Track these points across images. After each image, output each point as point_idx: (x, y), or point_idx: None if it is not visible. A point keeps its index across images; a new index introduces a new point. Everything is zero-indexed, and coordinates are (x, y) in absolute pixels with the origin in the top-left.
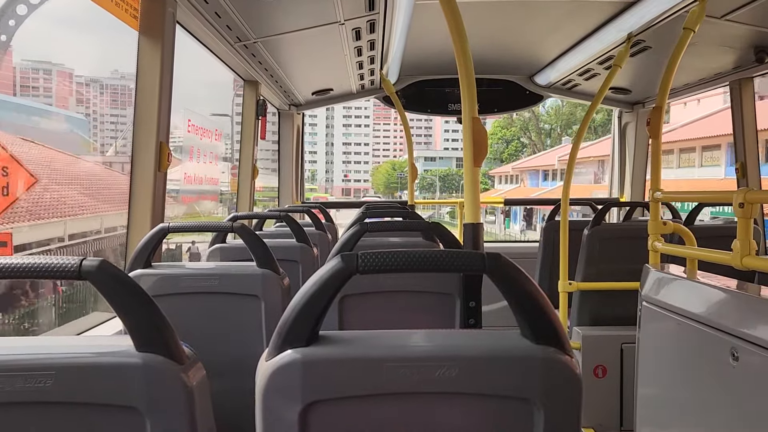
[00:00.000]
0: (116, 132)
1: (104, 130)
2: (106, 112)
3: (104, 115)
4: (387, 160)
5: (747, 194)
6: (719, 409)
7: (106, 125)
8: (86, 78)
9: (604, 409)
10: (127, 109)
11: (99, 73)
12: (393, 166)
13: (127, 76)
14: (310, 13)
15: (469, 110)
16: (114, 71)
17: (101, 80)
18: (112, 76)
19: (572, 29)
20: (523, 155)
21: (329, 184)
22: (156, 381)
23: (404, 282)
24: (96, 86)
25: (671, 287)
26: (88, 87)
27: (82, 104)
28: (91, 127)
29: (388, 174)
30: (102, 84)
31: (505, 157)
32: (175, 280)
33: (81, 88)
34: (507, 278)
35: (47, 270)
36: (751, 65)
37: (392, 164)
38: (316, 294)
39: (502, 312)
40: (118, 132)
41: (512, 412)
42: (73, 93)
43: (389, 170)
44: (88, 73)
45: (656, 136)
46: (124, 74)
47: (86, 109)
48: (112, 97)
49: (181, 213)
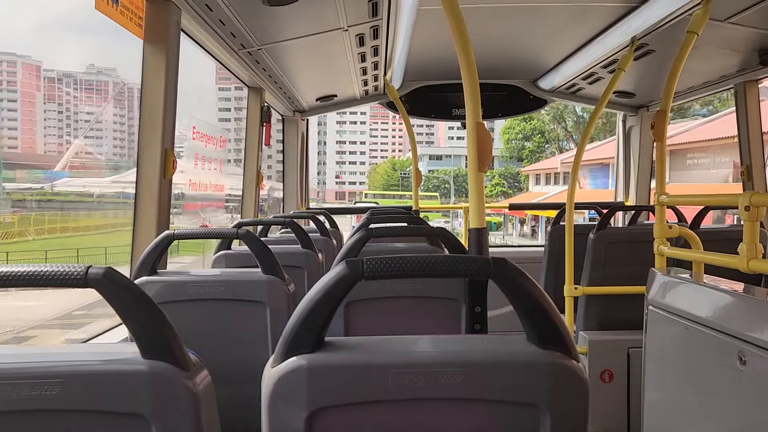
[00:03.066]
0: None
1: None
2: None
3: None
4: (387, 158)
5: (753, 197)
6: (727, 414)
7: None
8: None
9: (610, 414)
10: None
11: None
12: (393, 166)
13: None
14: (313, 20)
15: (473, 115)
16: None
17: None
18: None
19: (576, 33)
20: (547, 152)
21: (321, 188)
22: (162, 388)
23: (410, 287)
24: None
25: (677, 291)
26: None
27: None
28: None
29: (387, 175)
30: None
31: (526, 155)
32: (181, 286)
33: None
34: (512, 283)
35: (53, 277)
36: (755, 68)
37: (392, 163)
38: (322, 300)
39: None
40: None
41: (518, 417)
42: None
43: (388, 170)
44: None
45: (661, 139)
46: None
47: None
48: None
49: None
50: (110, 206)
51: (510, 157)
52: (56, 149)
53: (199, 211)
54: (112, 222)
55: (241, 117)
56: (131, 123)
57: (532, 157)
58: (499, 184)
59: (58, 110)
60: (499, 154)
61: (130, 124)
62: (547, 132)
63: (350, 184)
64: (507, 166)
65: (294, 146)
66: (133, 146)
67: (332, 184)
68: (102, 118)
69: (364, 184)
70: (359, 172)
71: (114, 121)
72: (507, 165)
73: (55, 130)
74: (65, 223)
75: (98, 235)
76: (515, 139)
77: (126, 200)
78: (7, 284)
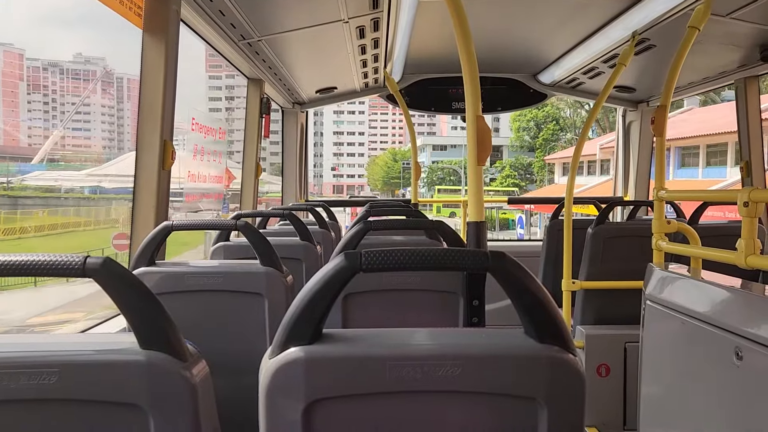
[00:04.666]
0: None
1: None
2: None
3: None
4: (387, 149)
5: (752, 193)
6: (723, 409)
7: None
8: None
9: (607, 408)
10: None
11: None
12: (394, 157)
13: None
14: (314, 11)
15: (473, 108)
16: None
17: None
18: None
19: (577, 27)
20: (563, 141)
21: (318, 181)
22: (159, 378)
23: (408, 280)
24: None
25: (675, 286)
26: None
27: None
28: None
29: (387, 166)
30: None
31: (539, 144)
32: (179, 277)
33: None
34: (511, 277)
35: (52, 267)
36: (756, 63)
37: (393, 154)
38: (320, 292)
39: (506, 311)
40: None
41: (515, 410)
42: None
43: (389, 162)
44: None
45: (661, 134)
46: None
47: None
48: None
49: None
50: (76, 203)
51: (521, 146)
52: (43, 141)
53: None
54: (64, 222)
55: (233, 107)
56: (120, 114)
57: (545, 146)
58: (510, 176)
59: (44, 101)
60: (509, 143)
61: (119, 115)
62: (562, 119)
63: (348, 177)
64: (518, 157)
65: (293, 138)
66: (122, 137)
67: (330, 178)
68: (90, 110)
69: (363, 177)
70: (358, 165)
71: (102, 112)
72: (517, 155)
73: (41, 122)
74: (25, 222)
75: (42, 238)
76: (526, 127)
77: (101, 196)
78: (5, 273)
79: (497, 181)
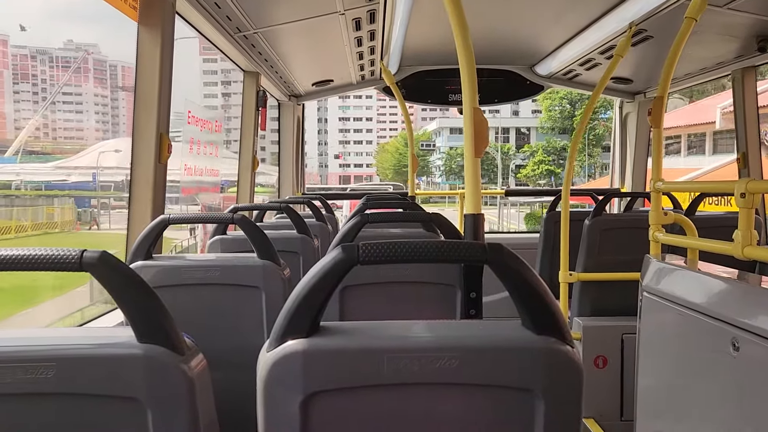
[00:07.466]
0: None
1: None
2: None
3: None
4: (398, 133)
5: (749, 184)
6: (720, 400)
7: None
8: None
9: (604, 399)
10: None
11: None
12: (405, 142)
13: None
14: (309, 3)
15: (469, 100)
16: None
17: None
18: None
19: (573, 19)
20: (603, 118)
21: (323, 171)
22: (157, 372)
23: (405, 273)
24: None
25: (672, 278)
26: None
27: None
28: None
29: (399, 153)
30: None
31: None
32: (176, 271)
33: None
34: (508, 269)
35: (49, 261)
36: (753, 54)
37: (404, 138)
38: (317, 285)
39: (503, 303)
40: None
41: (513, 402)
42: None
43: (400, 148)
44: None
45: (658, 125)
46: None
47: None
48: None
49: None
50: (28, 201)
51: (552, 128)
52: (33, 132)
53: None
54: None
55: (230, 104)
56: (108, 102)
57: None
58: (543, 161)
59: (33, 90)
60: (539, 124)
61: (104, 102)
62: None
63: (356, 166)
64: (549, 139)
65: (290, 131)
66: (108, 127)
67: (335, 167)
68: (81, 99)
69: (372, 166)
70: (365, 153)
71: (89, 101)
72: (548, 138)
73: (30, 113)
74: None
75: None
76: (559, 104)
77: (64, 192)
78: (2, 268)
79: (528, 168)
